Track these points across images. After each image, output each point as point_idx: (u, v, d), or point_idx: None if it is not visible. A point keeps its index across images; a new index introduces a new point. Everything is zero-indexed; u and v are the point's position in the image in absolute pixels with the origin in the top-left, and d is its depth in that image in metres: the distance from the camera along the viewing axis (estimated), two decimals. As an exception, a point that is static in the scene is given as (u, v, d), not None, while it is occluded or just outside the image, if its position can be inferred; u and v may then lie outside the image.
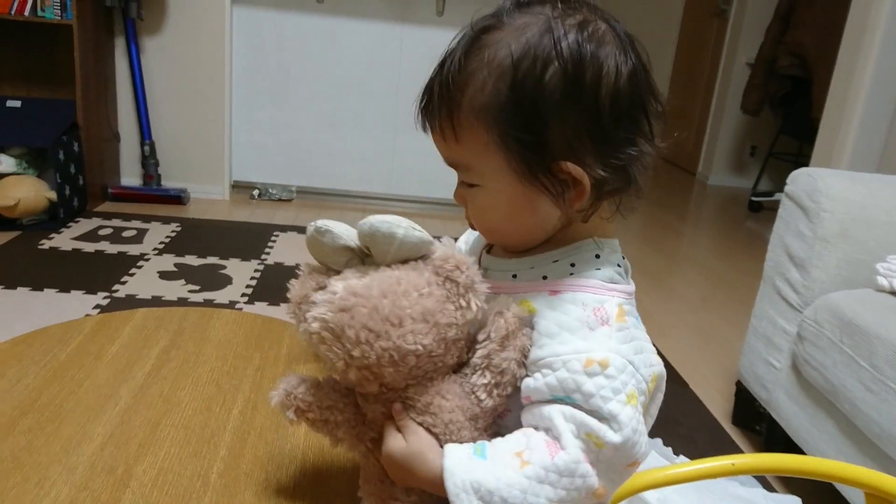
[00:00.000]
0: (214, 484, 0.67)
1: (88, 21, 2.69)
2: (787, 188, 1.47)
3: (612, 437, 0.52)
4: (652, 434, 1.37)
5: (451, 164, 0.61)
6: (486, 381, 0.57)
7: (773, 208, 4.29)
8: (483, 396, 0.57)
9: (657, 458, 1.15)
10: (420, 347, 0.54)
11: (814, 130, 2.94)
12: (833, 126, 2.76)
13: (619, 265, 0.62)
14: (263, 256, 2.48)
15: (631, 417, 0.53)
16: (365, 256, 0.59)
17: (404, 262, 0.58)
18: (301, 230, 2.83)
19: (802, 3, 3.70)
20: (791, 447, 1.44)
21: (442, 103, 0.58)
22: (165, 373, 0.86)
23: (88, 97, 2.74)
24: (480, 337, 0.58)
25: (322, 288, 0.58)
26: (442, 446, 0.56)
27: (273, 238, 2.69)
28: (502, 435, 0.57)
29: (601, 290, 0.58)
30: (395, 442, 0.58)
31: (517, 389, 0.57)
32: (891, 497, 0.69)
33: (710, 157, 4.82)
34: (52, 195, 2.51)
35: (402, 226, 0.56)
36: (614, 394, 0.53)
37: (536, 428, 0.56)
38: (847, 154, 2.71)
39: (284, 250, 2.57)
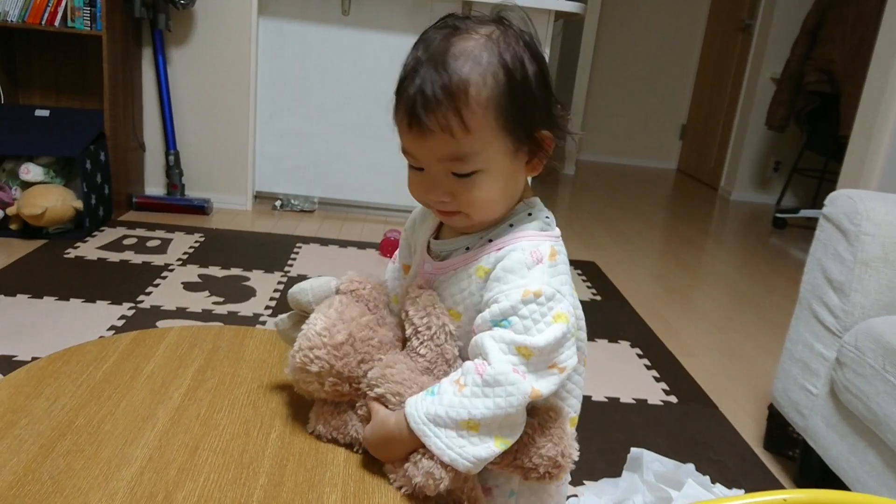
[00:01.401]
0: (256, 513, 0.66)
1: (118, 32, 2.72)
2: (825, 209, 1.44)
3: (534, 340, 0.66)
4: (684, 458, 1.35)
5: (453, 158, 0.70)
6: (418, 341, 0.74)
7: (798, 225, 4.25)
8: (423, 351, 0.73)
9: (696, 489, 1.13)
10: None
11: (841, 147, 2.90)
12: (862, 144, 2.71)
13: (547, 217, 0.78)
14: (286, 268, 2.48)
15: (556, 330, 0.67)
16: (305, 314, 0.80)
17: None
18: (324, 242, 2.83)
19: (831, 19, 3.66)
20: (827, 475, 1.41)
21: (449, 103, 0.67)
22: (202, 394, 0.84)
23: (116, 107, 2.76)
24: (402, 315, 0.76)
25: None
26: (395, 408, 0.71)
27: (296, 250, 2.69)
28: None
29: (535, 237, 0.73)
30: (365, 431, 0.72)
31: (453, 338, 0.74)
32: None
33: (733, 172, 4.78)
34: (79, 204, 2.53)
35: (301, 286, 0.80)
36: (542, 316, 0.68)
37: (474, 356, 0.69)
38: (877, 173, 2.67)
39: (307, 262, 2.57)
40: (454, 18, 0.73)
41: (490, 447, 0.67)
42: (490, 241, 0.74)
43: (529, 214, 0.76)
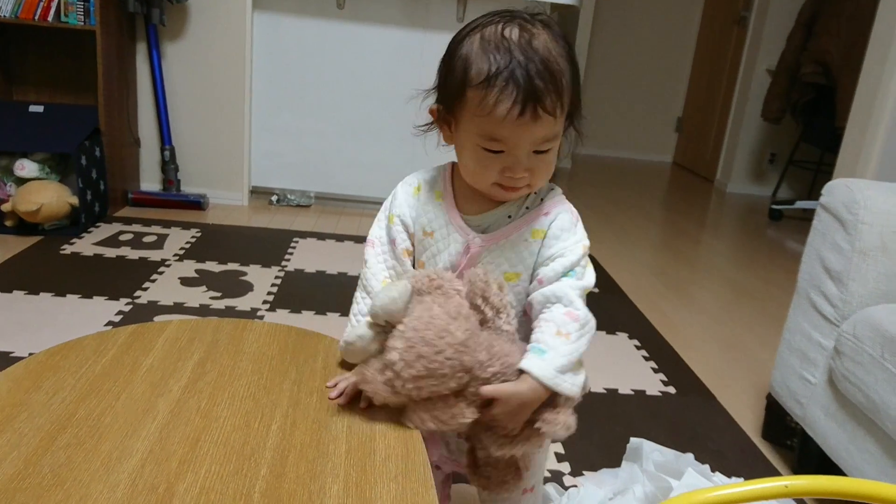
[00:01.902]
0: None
1: (111, 27, 2.70)
2: (823, 199, 1.44)
3: (590, 281, 0.86)
4: (683, 449, 1.35)
5: (548, 138, 0.80)
6: (501, 319, 0.82)
7: (794, 217, 4.26)
8: (506, 327, 0.82)
9: (696, 477, 1.13)
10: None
11: (837, 139, 2.90)
12: (858, 135, 2.72)
13: (554, 186, 0.91)
14: (284, 263, 2.47)
15: (591, 269, 0.88)
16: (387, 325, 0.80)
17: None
18: (321, 236, 2.83)
19: (826, 11, 3.66)
20: (826, 464, 1.41)
21: (556, 90, 0.77)
22: (202, 386, 0.84)
23: (111, 103, 2.75)
24: (472, 297, 0.82)
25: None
26: (510, 378, 0.78)
27: (293, 244, 2.68)
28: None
29: (565, 202, 0.89)
30: (495, 408, 0.78)
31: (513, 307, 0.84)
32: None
33: (729, 164, 4.78)
34: (74, 200, 2.51)
35: (389, 295, 0.78)
36: (588, 263, 0.87)
37: (548, 303, 0.83)
38: (873, 164, 2.67)
39: (304, 257, 2.56)
40: (507, 13, 0.81)
41: (584, 373, 0.82)
42: (527, 208, 0.88)
43: (550, 186, 0.91)
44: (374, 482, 0.71)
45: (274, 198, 3.25)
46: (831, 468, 1.37)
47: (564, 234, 0.86)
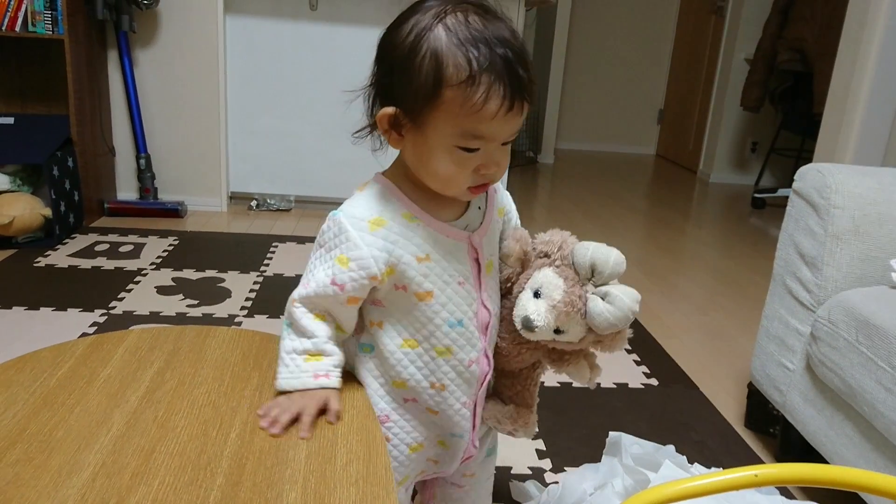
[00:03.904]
0: (211, 515, 0.64)
1: (80, 35, 2.67)
2: (795, 185, 1.43)
3: None
4: (665, 441, 1.34)
5: (518, 130, 0.77)
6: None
7: (777, 204, 4.27)
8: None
9: (673, 469, 1.12)
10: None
11: (815, 125, 2.90)
12: (835, 121, 2.72)
13: None
14: (262, 268, 2.45)
15: None
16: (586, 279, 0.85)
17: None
18: (300, 240, 2.80)
19: (800, -3, 3.67)
20: (807, 450, 1.41)
21: (530, 76, 0.74)
22: (160, 396, 0.82)
23: (82, 112, 2.71)
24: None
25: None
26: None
27: (272, 249, 2.66)
28: None
29: None
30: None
31: None
32: (924, 508, 0.65)
33: (711, 154, 4.79)
34: (48, 212, 2.48)
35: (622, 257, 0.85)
36: None
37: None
38: (851, 148, 2.68)
39: (283, 261, 2.54)
40: (467, 3, 0.75)
41: None
42: (486, 193, 0.88)
43: None
44: (334, 487, 0.69)
45: (253, 203, 3.22)
46: (813, 454, 1.37)
47: (507, 198, 0.93)
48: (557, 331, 0.84)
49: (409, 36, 0.74)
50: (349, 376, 0.90)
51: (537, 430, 0.99)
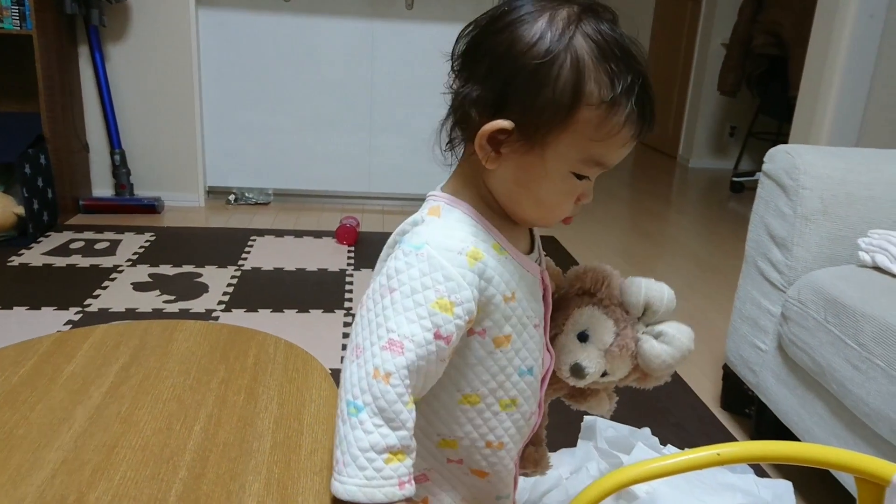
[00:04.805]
0: (173, 508, 0.63)
1: (49, 31, 2.62)
2: (765, 167, 1.44)
3: None
4: (640, 424, 1.34)
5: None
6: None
7: (755, 188, 4.27)
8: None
9: (644, 451, 1.13)
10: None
11: (792, 109, 2.92)
12: (810, 103, 2.74)
13: None
14: (240, 262, 2.43)
15: None
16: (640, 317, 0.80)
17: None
18: (279, 234, 2.79)
19: (775, -19, 3.68)
20: (782, 430, 1.42)
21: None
22: (124, 391, 0.82)
23: (54, 108, 2.67)
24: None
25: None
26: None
27: (250, 243, 2.64)
28: None
29: None
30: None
31: None
32: (881, 481, 0.66)
33: (690, 139, 4.81)
34: (20, 210, 2.45)
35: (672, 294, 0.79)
36: None
37: None
38: (825, 131, 2.70)
39: (262, 255, 2.52)
40: (597, 4, 0.65)
41: None
42: None
43: None
44: (298, 477, 0.69)
45: (231, 197, 3.20)
46: (787, 434, 1.38)
47: None
48: (604, 374, 0.78)
49: (540, 41, 0.61)
50: (310, 359, 0.90)
51: None
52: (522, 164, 0.66)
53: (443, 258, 0.64)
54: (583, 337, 0.77)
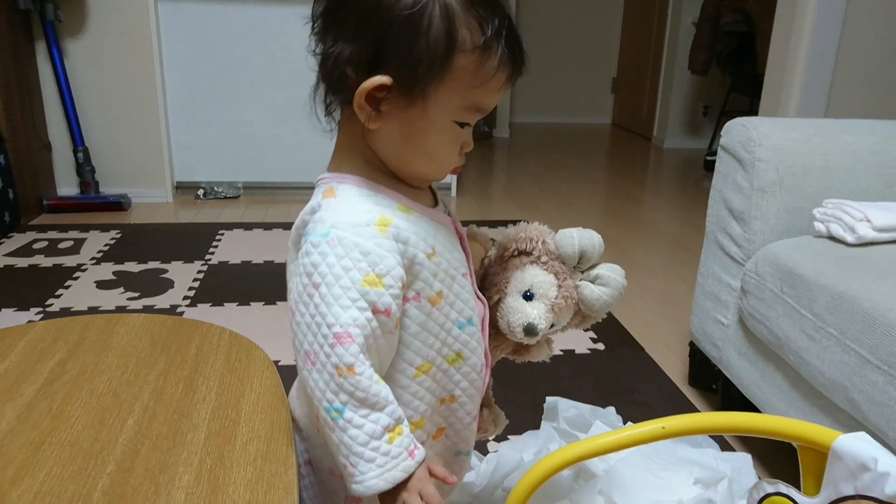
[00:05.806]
0: (97, 503, 0.61)
1: (3, 27, 2.57)
2: (722, 140, 1.44)
3: None
4: (607, 404, 1.34)
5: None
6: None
7: (728, 167, 4.25)
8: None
9: (602, 429, 1.12)
10: None
11: (761, 86, 2.92)
12: (777, 79, 2.74)
13: None
14: (207, 257, 2.40)
15: None
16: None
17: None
18: (248, 227, 2.75)
19: (740, -43, 3.68)
20: (747, 404, 1.42)
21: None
22: (57, 387, 0.79)
23: (12, 107, 2.62)
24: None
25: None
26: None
27: (218, 237, 2.61)
28: None
29: None
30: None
31: None
32: (821, 448, 0.66)
33: (664, 120, 4.82)
34: (-20, 211, 2.40)
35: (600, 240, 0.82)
36: None
37: None
38: (793, 105, 2.70)
39: (229, 249, 2.49)
40: None
41: None
42: None
43: None
44: (231, 467, 0.67)
45: (200, 192, 3.16)
46: (751, 407, 1.38)
47: None
48: (552, 325, 0.80)
49: None
50: (254, 349, 0.89)
51: None
52: (405, 120, 0.65)
53: (353, 236, 0.63)
54: (528, 296, 0.78)
